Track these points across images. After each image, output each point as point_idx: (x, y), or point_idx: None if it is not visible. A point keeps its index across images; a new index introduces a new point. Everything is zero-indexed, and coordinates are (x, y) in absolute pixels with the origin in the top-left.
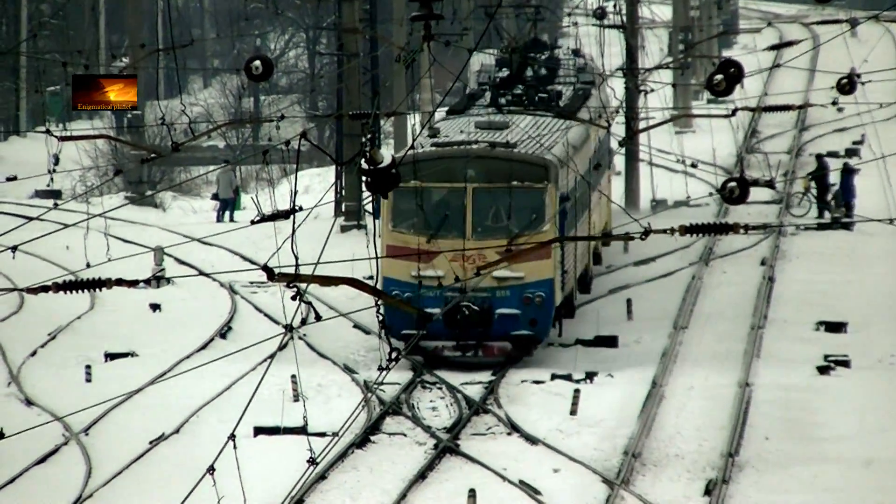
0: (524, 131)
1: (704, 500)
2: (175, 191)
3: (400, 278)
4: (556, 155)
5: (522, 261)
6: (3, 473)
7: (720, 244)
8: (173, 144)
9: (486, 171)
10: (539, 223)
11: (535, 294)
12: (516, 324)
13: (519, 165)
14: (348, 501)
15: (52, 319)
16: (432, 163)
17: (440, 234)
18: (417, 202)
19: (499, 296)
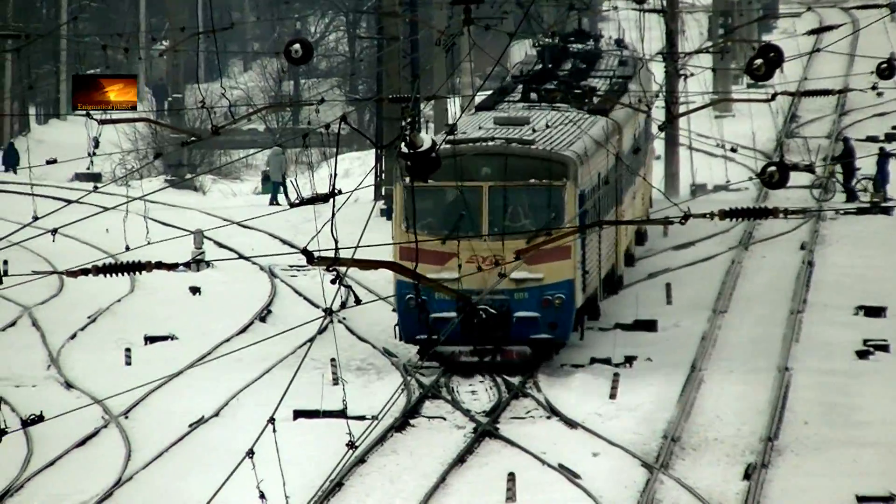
0: (546, 127)
1: (744, 484)
2: (215, 174)
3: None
4: (578, 152)
5: (541, 261)
6: (43, 456)
7: (760, 228)
8: (213, 127)
9: (502, 169)
10: (558, 222)
11: (554, 296)
12: (535, 327)
13: (536, 162)
14: (388, 485)
15: (92, 303)
16: (446, 160)
17: (455, 235)
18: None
19: (517, 298)
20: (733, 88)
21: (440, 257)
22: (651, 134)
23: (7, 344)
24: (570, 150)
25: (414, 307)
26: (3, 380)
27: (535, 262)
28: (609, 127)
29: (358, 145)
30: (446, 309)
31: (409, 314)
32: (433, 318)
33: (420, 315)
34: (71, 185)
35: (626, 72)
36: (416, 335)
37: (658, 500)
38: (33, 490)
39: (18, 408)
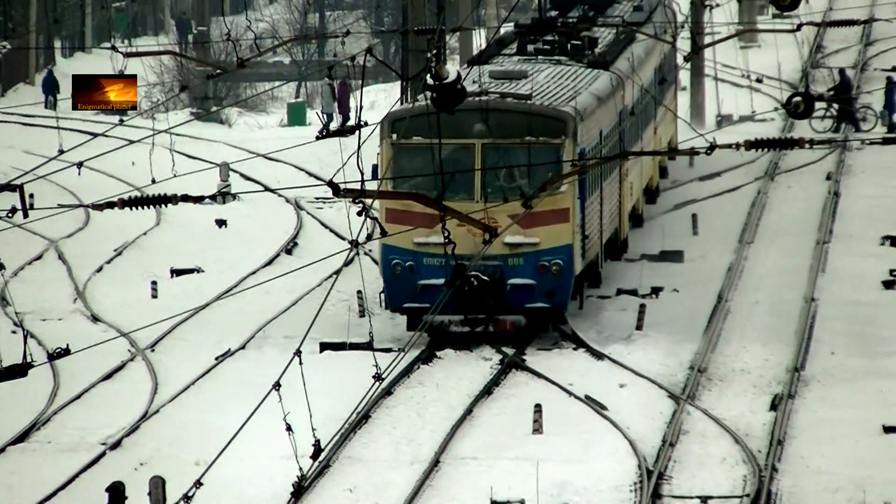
0: (545, 81)
1: (770, 414)
2: (240, 107)
3: (400, 245)
4: (577, 107)
5: (538, 225)
6: (70, 390)
7: (785, 159)
8: (239, 60)
9: (496, 126)
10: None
11: (551, 262)
12: (531, 295)
13: (533, 118)
14: (414, 417)
15: (118, 236)
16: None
17: (446, 196)
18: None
19: (511, 264)
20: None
21: (429, 220)
22: (676, 65)
23: (33, 277)
24: (570, 105)
25: (401, 273)
26: (29, 313)
27: (530, 225)
28: (612, 81)
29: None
30: (435, 276)
31: (396, 281)
32: (421, 286)
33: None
34: (96, 119)
35: (640, 17)
36: (403, 303)
37: (685, 430)
38: (60, 423)
39: (45, 341)
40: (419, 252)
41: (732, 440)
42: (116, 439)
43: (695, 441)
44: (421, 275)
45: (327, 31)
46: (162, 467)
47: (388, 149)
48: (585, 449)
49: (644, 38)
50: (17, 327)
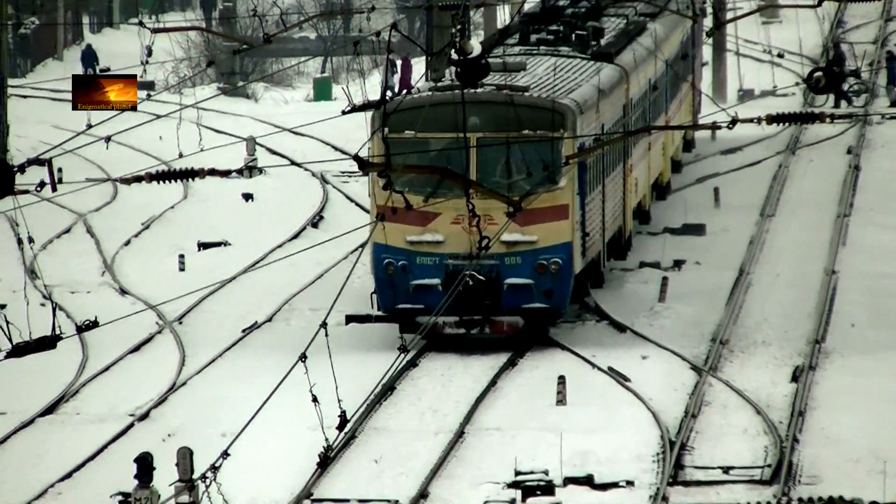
0: (545, 74)
1: (791, 386)
2: (267, 82)
3: (393, 244)
4: (577, 100)
5: (536, 222)
6: (98, 362)
7: (806, 133)
8: (265, 36)
9: (492, 119)
10: (554, 178)
11: (550, 260)
12: (529, 296)
13: (530, 111)
14: (439, 388)
15: (146, 210)
16: (430, 109)
17: (439, 193)
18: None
19: (508, 263)
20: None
21: (423, 217)
22: (700, 41)
23: (62, 251)
24: (570, 98)
25: (394, 273)
26: (58, 286)
27: (528, 222)
28: (617, 73)
29: (409, 52)
30: (429, 275)
31: (389, 281)
32: (414, 286)
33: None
34: None
35: (653, 9)
36: (396, 305)
37: (707, 402)
38: (88, 394)
39: (73, 314)
40: (412, 251)
41: (754, 411)
42: (144, 411)
43: (716, 412)
44: (414, 275)
45: (353, 6)
46: (189, 438)
47: (378, 143)
48: (608, 420)
49: (653, 30)
50: (46, 300)
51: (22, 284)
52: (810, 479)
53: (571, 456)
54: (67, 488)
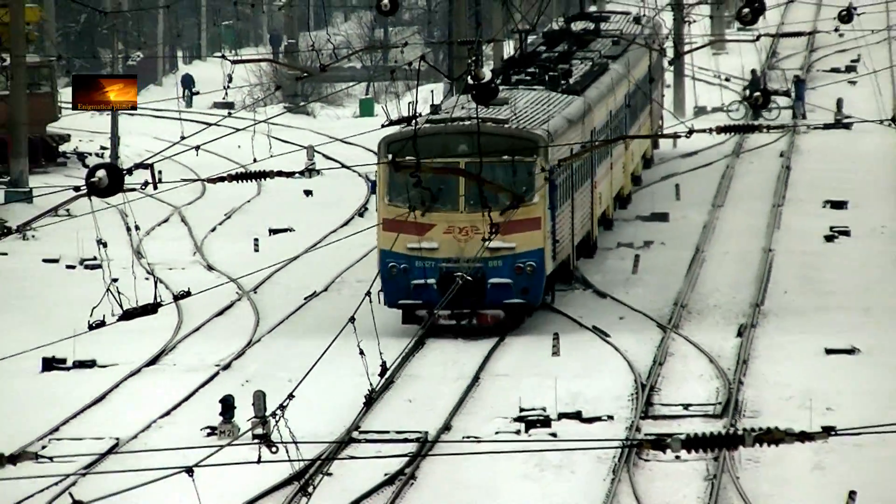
0: (524, 107)
1: (737, 340)
2: (322, 102)
3: (396, 250)
4: (549, 129)
5: (514, 231)
6: (191, 323)
7: (748, 141)
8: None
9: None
10: (529, 195)
11: (526, 263)
12: (509, 292)
13: (509, 140)
14: (460, 343)
15: (228, 203)
16: (427, 139)
17: (434, 207)
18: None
19: (491, 266)
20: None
21: (420, 228)
22: (662, 68)
23: (162, 236)
24: (541, 128)
25: (396, 274)
26: (158, 264)
27: (507, 232)
28: (583, 105)
29: (434, 79)
30: (426, 276)
31: (392, 281)
32: (414, 285)
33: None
34: (211, 112)
35: (615, 52)
36: (398, 300)
37: (671, 353)
38: (182, 350)
39: (171, 285)
40: (412, 256)
41: (707, 360)
42: (227, 362)
43: (678, 361)
44: (413, 275)
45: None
46: (262, 384)
47: (384, 168)
48: (593, 368)
49: (614, 69)
50: (150, 275)
51: (130, 263)
52: (752, 414)
53: (564, 395)
54: (167, 423)
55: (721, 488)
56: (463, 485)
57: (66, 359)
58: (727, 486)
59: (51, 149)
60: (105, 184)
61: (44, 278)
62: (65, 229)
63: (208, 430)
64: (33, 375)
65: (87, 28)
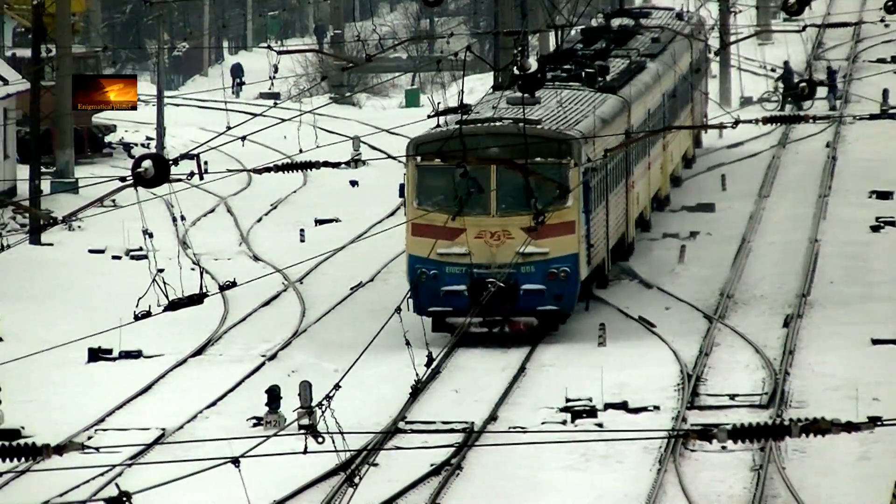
0: (556, 107)
1: (783, 330)
2: (368, 92)
3: (424, 255)
4: (582, 130)
5: (547, 236)
6: (237, 313)
7: (794, 131)
8: (367, 56)
9: (509, 149)
10: (562, 199)
11: (559, 269)
12: (541, 299)
13: (541, 142)
14: (506, 333)
15: (274, 193)
16: (456, 141)
17: (464, 212)
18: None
19: (524, 272)
20: (772, 22)
21: (451, 233)
22: (706, 65)
23: (208, 226)
24: (575, 129)
25: (426, 280)
26: (204, 254)
27: (540, 236)
28: (619, 104)
29: (480, 69)
30: (457, 282)
31: (422, 287)
32: (444, 291)
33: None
34: (256, 102)
35: (654, 49)
36: (428, 307)
37: (716, 343)
38: (229, 340)
39: (217, 276)
40: (442, 262)
41: (753, 350)
42: (273, 352)
43: (724, 351)
44: (444, 282)
45: (436, 33)
46: (308, 374)
47: (413, 170)
48: (639, 358)
49: (653, 67)
50: (195, 265)
51: (176, 253)
52: (798, 404)
53: (610, 386)
54: (213, 414)
55: (767, 478)
56: (509, 475)
57: (112, 349)
58: (773, 477)
59: (96, 139)
60: (151, 174)
61: (89, 269)
62: (111, 220)
63: (254, 420)
64: (79, 366)
65: (132, 19)
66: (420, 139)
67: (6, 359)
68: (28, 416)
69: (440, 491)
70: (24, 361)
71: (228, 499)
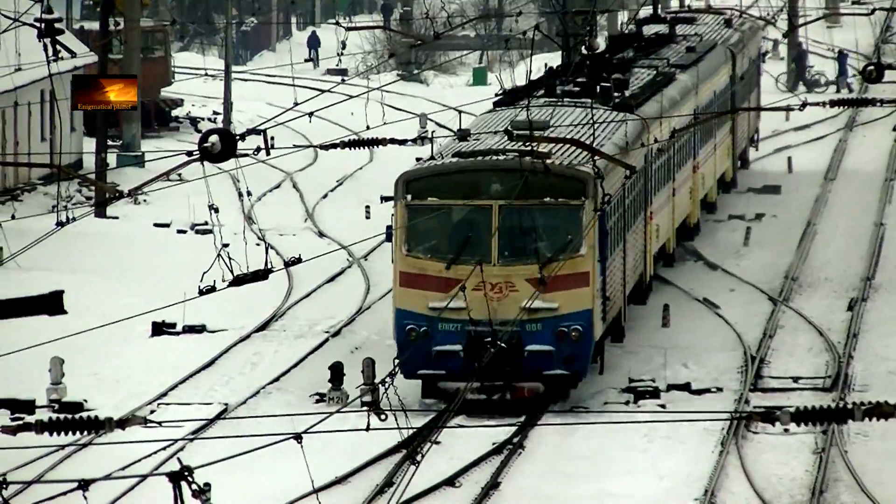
0: (567, 133)
1: (847, 314)
2: (436, 70)
3: (415, 310)
4: (598, 165)
5: (557, 289)
6: (301, 290)
7: (861, 114)
8: (435, 33)
9: (514, 186)
10: (575, 245)
11: (570, 328)
12: (549, 362)
13: (552, 179)
14: None
15: (340, 170)
16: (452, 177)
17: (461, 260)
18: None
19: (529, 330)
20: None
21: (445, 284)
22: (760, 69)
23: (273, 202)
24: (588, 164)
25: (415, 338)
26: (269, 230)
27: (549, 289)
28: (638, 125)
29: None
30: (451, 341)
31: (411, 346)
32: (436, 352)
33: (422, 347)
34: (323, 78)
35: (687, 59)
36: (417, 370)
37: (780, 326)
38: (293, 316)
39: (282, 251)
40: (434, 317)
41: (817, 333)
42: (337, 328)
43: (788, 334)
44: (436, 341)
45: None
46: (372, 351)
47: (402, 209)
48: (703, 339)
49: (683, 79)
50: (261, 241)
51: (241, 228)
52: (862, 388)
53: (674, 367)
54: (275, 389)
55: (829, 462)
56: (571, 455)
57: (176, 324)
58: (835, 460)
59: (164, 113)
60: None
61: (154, 243)
62: (176, 194)
63: (317, 396)
64: (143, 340)
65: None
66: (411, 175)
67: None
68: (91, 389)
69: (502, 469)
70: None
71: (290, 475)
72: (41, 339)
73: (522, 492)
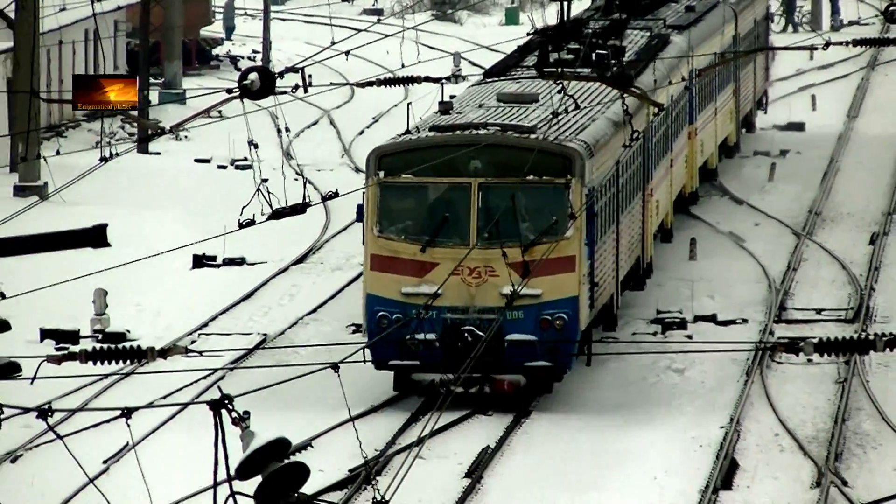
0: (557, 106)
1: (869, 247)
2: (469, 10)
3: (386, 296)
4: (588, 140)
5: (540, 274)
6: (338, 223)
7: (883, 53)
8: None
9: (495, 163)
10: (560, 227)
11: (554, 316)
12: (532, 353)
13: (536, 156)
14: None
15: (375, 106)
16: (428, 152)
17: (438, 242)
18: None
19: (510, 318)
20: None
21: (419, 268)
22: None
23: (311, 138)
24: (579, 139)
25: (387, 326)
26: (307, 165)
27: (532, 274)
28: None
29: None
30: (426, 330)
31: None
32: (409, 341)
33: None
34: (360, 18)
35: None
36: (389, 360)
37: (804, 259)
38: (329, 248)
39: (319, 186)
40: (408, 304)
41: (840, 266)
42: None
43: (811, 267)
44: (409, 329)
45: None
46: None
47: (374, 187)
48: (728, 272)
49: (678, 42)
50: (299, 176)
51: (280, 164)
52: (883, 319)
53: (700, 298)
54: (312, 319)
55: (851, 391)
56: (598, 385)
57: (216, 256)
58: (857, 390)
59: (204, 52)
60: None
61: (195, 178)
62: (217, 130)
63: (353, 327)
64: (184, 272)
65: None
66: (384, 149)
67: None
68: (133, 319)
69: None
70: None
71: (327, 403)
72: (85, 271)
73: (558, 419)
